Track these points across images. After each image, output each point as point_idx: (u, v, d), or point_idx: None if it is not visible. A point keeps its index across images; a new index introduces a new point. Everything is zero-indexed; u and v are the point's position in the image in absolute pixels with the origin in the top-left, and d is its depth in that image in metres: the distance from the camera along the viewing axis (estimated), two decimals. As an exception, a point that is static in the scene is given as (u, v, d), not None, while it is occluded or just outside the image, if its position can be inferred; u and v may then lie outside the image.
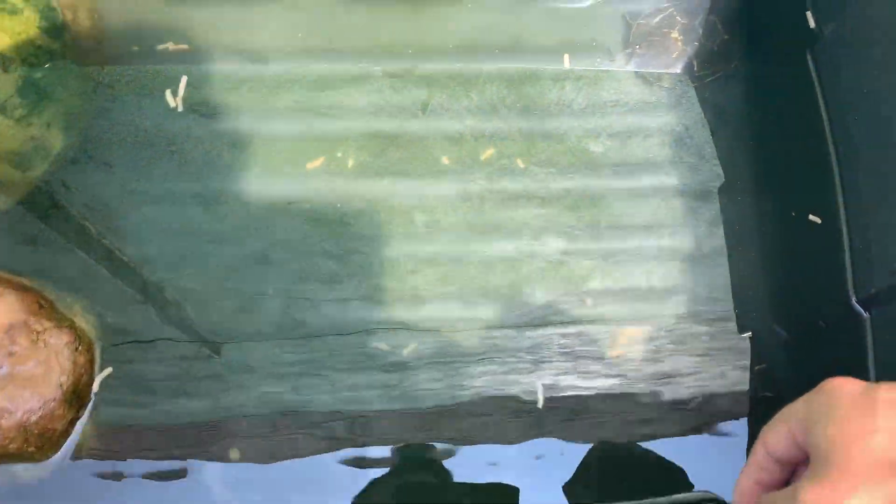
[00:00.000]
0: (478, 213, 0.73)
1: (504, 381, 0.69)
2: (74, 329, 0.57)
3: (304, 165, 0.72)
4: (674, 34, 0.80)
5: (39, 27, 0.70)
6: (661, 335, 0.72)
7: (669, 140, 0.77)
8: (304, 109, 0.74)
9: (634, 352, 0.71)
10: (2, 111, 0.67)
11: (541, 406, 0.68)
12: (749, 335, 0.74)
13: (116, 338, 0.64)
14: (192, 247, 0.68)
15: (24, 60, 0.70)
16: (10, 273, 0.62)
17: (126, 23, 0.74)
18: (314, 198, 0.71)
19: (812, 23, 0.66)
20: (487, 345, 0.70)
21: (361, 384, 0.67)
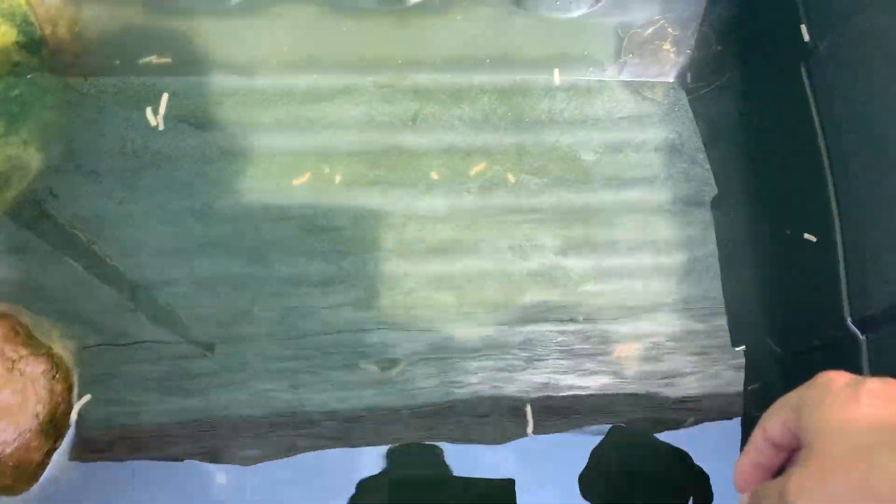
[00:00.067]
0: (471, 222, 0.72)
1: (499, 380, 0.68)
2: (51, 356, 0.56)
3: (291, 181, 0.71)
4: (666, 46, 0.79)
5: (17, 42, 0.69)
6: (658, 333, 0.71)
7: (662, 148, 0.77)
8: (290, 124, 0.73)
9: (630, 361, 0.71)
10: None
11: (531, 431, 0.67)
12: (743, 348, 0.74)
13: (108, 339, 0.63)
14: (183, 253, 0.67)
15: (0, 77, 0.68)
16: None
17: (107, 36, 0.72)
18: (304, 207, 0.71)
19: (806, 36, 0.65)
20: (483, 343, 0.69)
21: (356, 382, 0.67)
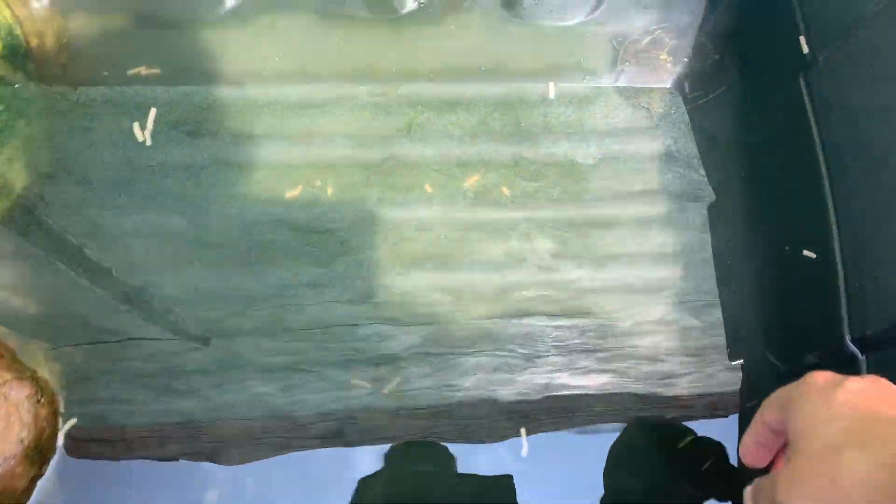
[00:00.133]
0: (465, 224, 0.72)
1: (495, 381, 0.68)
2: (36, 380, 0.55)
3: (283, 194, 0.70)
4: (663, 55, 0.77)
5: (1, 56, 0.67)
6: (654, 329, 0.71)
7: (658, 152, 0.76)
8: (282, 134, 0.72)
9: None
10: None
11: (525, 454, 0.66)
12: (741, 362, 0.73)
13: (102, 338, 0.64)
14: (177, 255, 0.67)
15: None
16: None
17: (96, 47, 0.71)
18: (297, 210, 0.70)
19: (806, 48, 0.63)
20: (479, 339, 0.69)
21: (350, 382, 0.67)
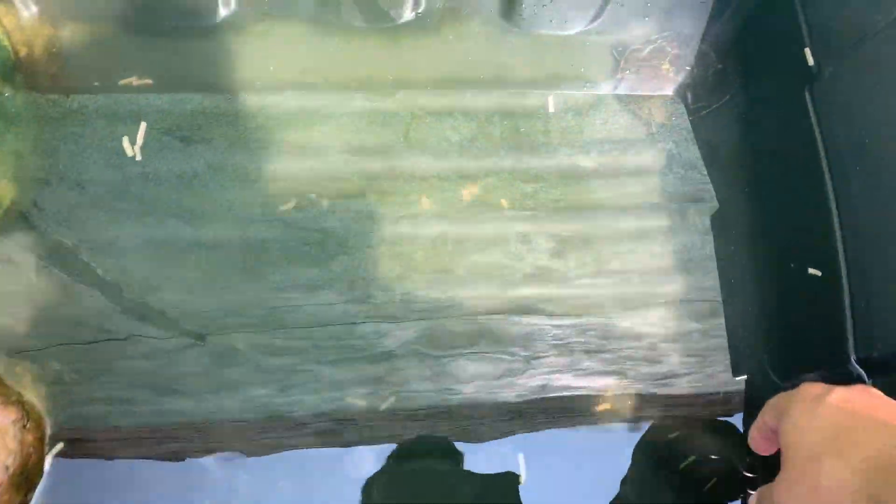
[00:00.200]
0: (464, 226, 0.71)
1: (496, 385, 0.68)
2: (22, 404, 0.54)
3: (279, 201, 0.70)
4: (665, 65, 0.76)
5: (-11, 67, 0.66)
6: (655, 329, 0.71)
7: (660, 155, 0.75)
8: (277, 145, 0.71)
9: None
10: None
11: (523, 482, 0.65)
12: (744, 377, 0.72)
13: (98, 338, 0.63)
14: (172, 257, 0.67)
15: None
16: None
17: (86, 57, 0.70)
18: (293, 212, 0.70)
19: (811, 60, 0.62)
20: (478, 340, 0.69)
21: (348, 381, 0.67)
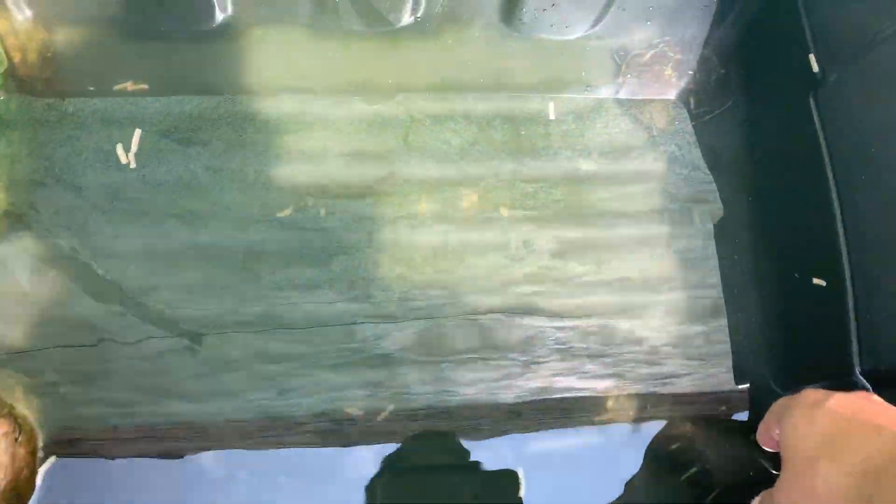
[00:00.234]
0: (464, 231, 0.71)
1: (496, 387, 0.68)
2: (14, 417, 0.53)
3: (277, 204, 0.69)
4: (667, 70, 0.75)
5: (-18, 72, 0.65)
6: (656, 331, 0.71)
7: (662, 159, 0.75)
8: (274, 150, 0.70)
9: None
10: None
11: (522, 495, 0.65)
12: (747, 386, 0.71)
13: (97, 340, 0.63)
14: (170, 258, 0.67)
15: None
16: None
17: (81, 61, 0.69)
18: (291, 214, 0.70)
19: (815, 66, 0.61)
20: (479, 339, 0.69)
21: (346, 384, 0.66)
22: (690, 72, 0.76)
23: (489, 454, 0.65)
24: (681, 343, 0.71)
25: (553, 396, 0.68)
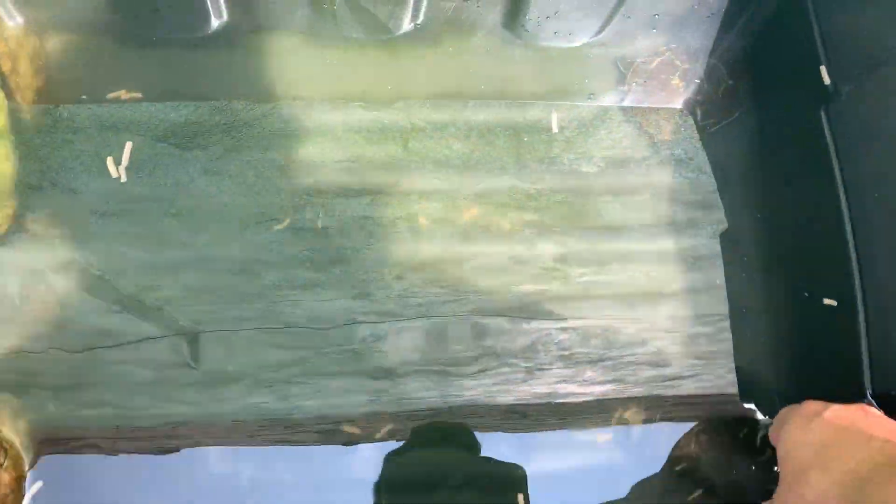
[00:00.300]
0: (465, 239, 0.70)
1: (498, 390, 0.67)
2: (0, 441, 0.51)
3: (274, 212, 0.68)
4: (674, 80, 0.73)
5: (-30, 81, 0.64)
6: (660, 334, 0.70)
7: (667, 163, 0.73)
8: (271, 161, 0.69)
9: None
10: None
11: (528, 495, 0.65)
12: (752, 406, 0.70)
13: (96, 343, 0.63)
14: (168, 260, 0.66)
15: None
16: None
17: (73, 70, 0.68)
18: (291, 217, 0.69)
19: (827, 79, 0.59)
20: (482, 348, 0.68)
21: (349, 390, 0.66)
22: (697, 80, 0.74)
23: (493, 454, 0.65)
24: (686, 343, 0.70)
25: (556, 400, 0.68)
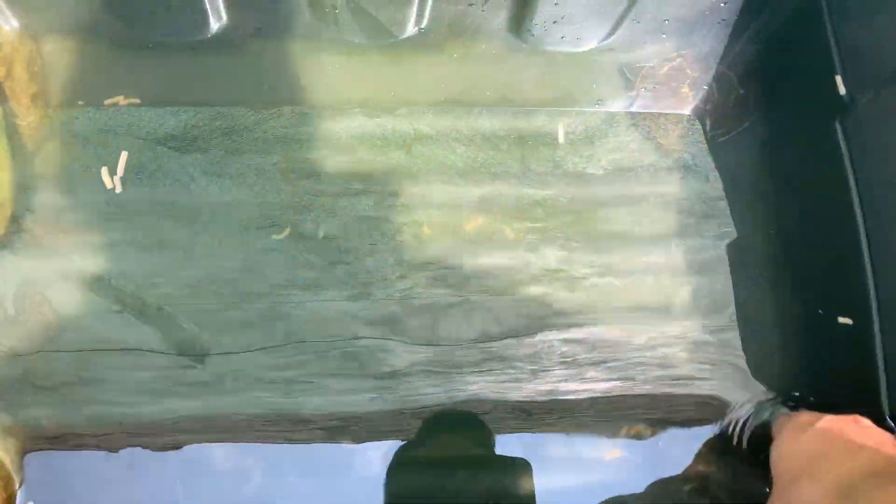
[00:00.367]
0: (469, 244, 0.69)
1: (503, 388, 0.67)
2: (-11, 461, 0.50)
3: (274, 212, 0.68)
4: (683, 87, 0.72)
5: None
6: (667, 341, 0.69)
7: (674, 170, 0.72)
8: (271, 170, 0.68)
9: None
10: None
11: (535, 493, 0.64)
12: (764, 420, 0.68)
13: (96, 345, 0.63)
14: (168, 261, 0.66)
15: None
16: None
17: (70, 74, 0.67)
18: (292, 218, 0.68)
19: (842, 89, 0.57)
20: (485, 353, 0.67)
21: (352, 389, 0.66)
22: (706, 87, 0.73)
23: (500, 451, 0.65)
24: (692, 349, 0.70)
25: (560, 398, 0.67)
